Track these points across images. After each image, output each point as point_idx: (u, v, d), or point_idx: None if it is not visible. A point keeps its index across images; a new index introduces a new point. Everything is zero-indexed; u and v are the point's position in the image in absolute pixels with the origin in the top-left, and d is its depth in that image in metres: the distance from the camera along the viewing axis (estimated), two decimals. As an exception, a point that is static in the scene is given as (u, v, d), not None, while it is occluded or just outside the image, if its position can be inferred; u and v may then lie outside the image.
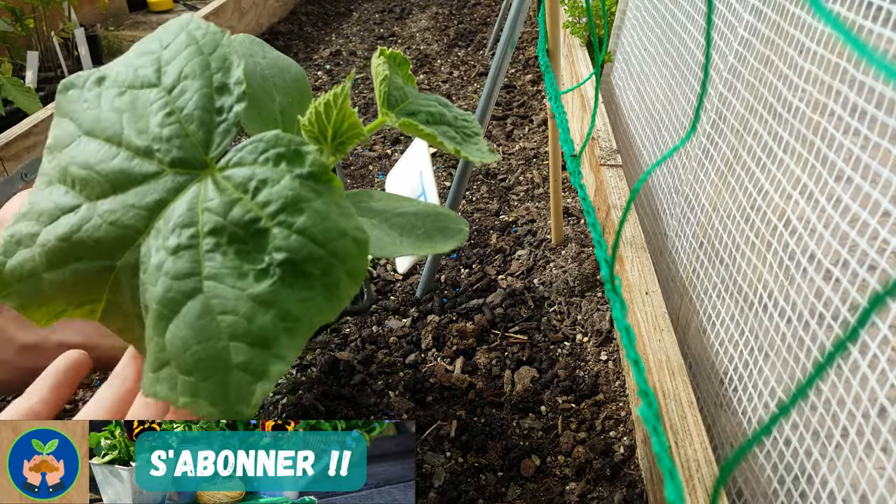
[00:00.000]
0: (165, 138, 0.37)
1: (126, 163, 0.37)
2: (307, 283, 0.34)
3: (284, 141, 0.37)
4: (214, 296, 0.33)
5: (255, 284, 0.33)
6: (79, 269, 0.36)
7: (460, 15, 2.20)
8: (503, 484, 0.63)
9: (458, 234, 0.47)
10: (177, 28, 0.41)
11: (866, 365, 0.43)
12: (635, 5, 1.25)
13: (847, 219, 0.47)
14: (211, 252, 0.34)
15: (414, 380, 0.74)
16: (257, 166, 0.36)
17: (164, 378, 0.33)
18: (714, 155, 0.74)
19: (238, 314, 0.33)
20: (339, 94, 0.44)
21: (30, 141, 1.10)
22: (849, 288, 0.47)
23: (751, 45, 0.66)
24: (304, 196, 0.35)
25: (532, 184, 1.20)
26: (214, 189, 0.36)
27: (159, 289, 0.34)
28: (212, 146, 0.37)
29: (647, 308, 0.71)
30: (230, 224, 0.34)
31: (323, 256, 0.34)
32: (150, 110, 0.38)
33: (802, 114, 0.55)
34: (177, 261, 0.34)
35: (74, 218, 0.36)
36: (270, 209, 0.34)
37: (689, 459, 0.54)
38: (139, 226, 0.36)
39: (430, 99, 0.54)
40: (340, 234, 0.35)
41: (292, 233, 0.34)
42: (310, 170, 0.36)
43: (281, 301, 0.33)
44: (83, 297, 0.37)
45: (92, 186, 0.36)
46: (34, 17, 1.60)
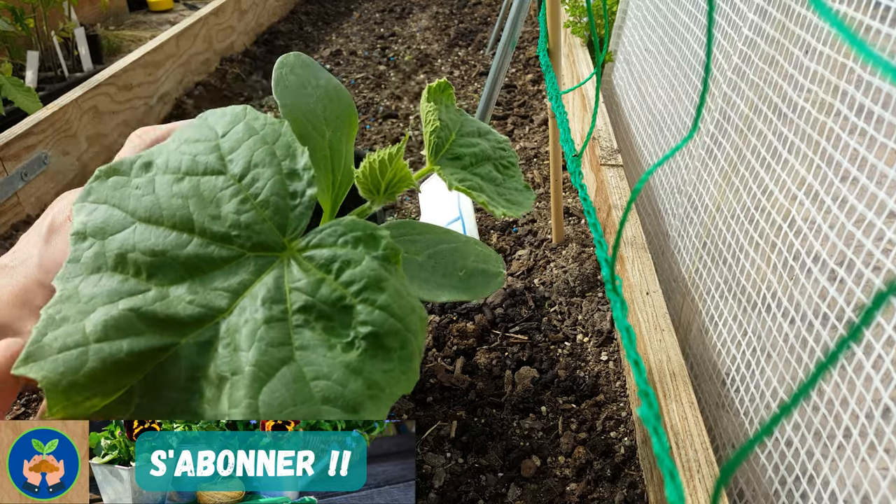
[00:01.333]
0: (244, 224, 0.39)
1: (202, 249, 0.38)
2: (387, 356, 0.37)
3: (361, 225, 0.40)
4: (307, 363, 0.36)
5: (344, 355, 0.36)
6: (138, 345, 0.35)
7: (461, 14, 2.20)
8: (503, 484, 0.63)
9: (496, 276, 0.51)
10: (231, 119, 0.43)
11: (870, 365, 0.43)
12: (636, 5, 1.25)
13: (853, 219, 0.47)
14: (300, 327, 0.37)
15: (414, 380, 0.74)
16: (338, 248, 0.39)
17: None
18: (718, 155, 0.74)
19: (330, 379, 0.36)
20: (393, 154, 0.47)
21: (30, 141, 1.10)
22: (853, 288, 0.46)
23: (755, 45, 0.66)
24: (383, 276, 0.38)
25: (533, 184, 1.19)
26: (299, 270, 0.39)
27: (253, 353, 0.36)
28: (288, 229, 0.40)
29: (648, 308, 0.70)
30: (318, 302, 0.38)
31: (401, 330, 0.37)
32: (220, 197, 0.40)
33: (807, 114, 0.55)
34: (269, 331, 0.36)
35: (143, 297, 0.36)
36: (354, 288, 0.38)
37: (689, 460, 0.53)
38: (222, 305, 0.37)
39: (470, 130, 0.57)
40: (412, 310, 0.39)
41: (375, 308, 0.37)
42: (383, 252, 0.39)
43: (367, 371, 0.36)
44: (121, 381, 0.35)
45: (164, 272, 0.37)
46: (34, 17, 1.60)
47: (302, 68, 0.52)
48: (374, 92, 1.61)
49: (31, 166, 1.11)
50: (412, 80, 1.67)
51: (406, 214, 1.20)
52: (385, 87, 1.63)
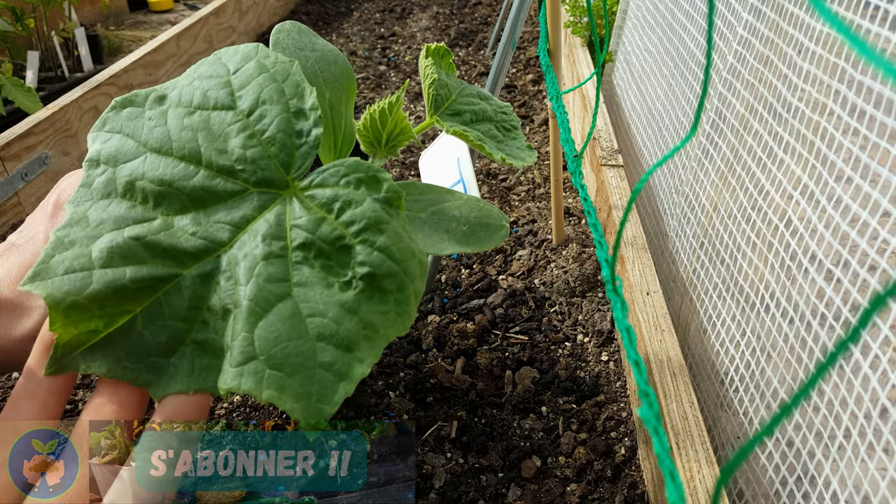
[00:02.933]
0: (250, 159, 0.40)
1: (207, 181, 0.39)
2: (383, 298, 0.37)
3: (364, 167, 0.40)
4: (303, 300, 0.36)
5: (341, 294, 0.36)
6: (140, 272, 0.36)
7: (461, 14, 2.20)
8: (504, 485, 0.63)
9: (500, 230, 0.51)
10: (242, 56, 0.44)
11: (868, 365, 0.43)
12: (636, 5, 1.25)
13: (847, 219, 0.47)
14: (299, 264, 0.37)
15: (414, 380, 0.74)
16: (340, 188, 0.39)
17: (250, 372, 0.34)
18: (714, 155, 0.74)
19: (326, 317, 0.36)
20: (393, 103, 0.47)
21: (30, 141, 1.10)
22: (850, 288, 0.46)
23: (750, 44, 0.66)
24: (384, 218, 0.39)
25: (533, 184, 1.20)
26: (301, 207, 0.39)
27: (251, 288, 0.36)
28: (292, 167, 0.40)
29: (649, 309, 0.70)
30: (318, 240, 0.38)
31: (398, 273, 0.38)
32: (229, 132, 0.40)
33: (802, 113, 0.55)
34: (268, 266, 0.37)
35: (149, 226, 0.37)
36: (354, 228, 0.38)
37: (690, 460, 0.53)
38: (223, 238, 0.38)
39: (471, 93, 0.57)
40: (411, 254, 0.39)
41: (374, 250, 0.37)
42: (385, 195, 0.39)
43: (363, 311, 0.36)
44: (121, 306, 0.36)
45: (169, 202, 0.38)
46: (34, 17, 1.60)
47: (299, 34, 0.52)
48: (374, 92, 1.61)
49: (32, 166, 1.11)
50: (412, 81, 1.67)
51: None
52: (385, 87, 1.63)
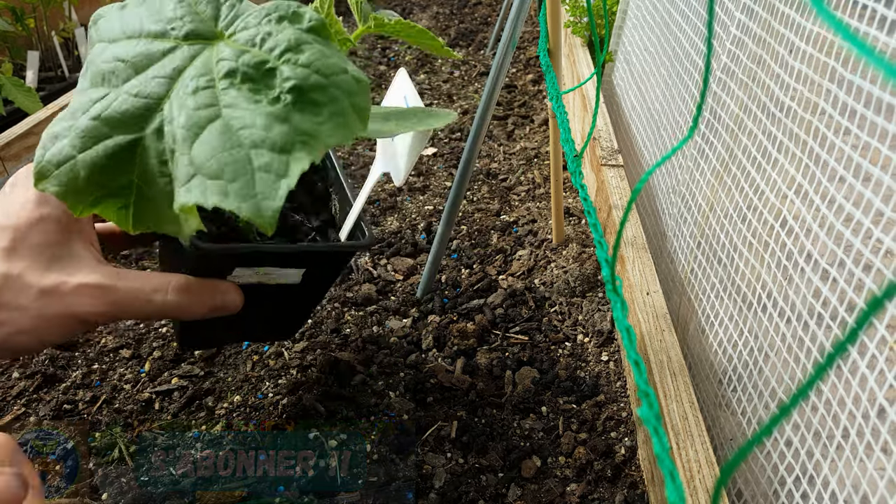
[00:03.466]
0: (178, 17, 0.43)
1: (145, 47, 0.43)
2: (316, 110, 0.40)
3: (284, 6, 0.43)
4: (233, 117, 0.39)
5: (270, 107, 0.39)
6: (109, 146, 0.40)
7: (461, 14, 2.20)
8: (504, 485, 0.63)
9: (447, 115, 0.54)
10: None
11: (865, 365, 0.43)
12: (636, 5, 1.25)
13: (841, 218, 0.48)
14: (226, 90, 0.40)
15: (414, 380, 0.74)
16: (262, 26, 0.42)
17: (195, 186, 0.37)
18: (709, 154, 0.74)
19: (256, 126, 0.38)
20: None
21: (30, 141, 1.10)
22: (846, 288, 0.47)
23: (743, 44, 0.66)
24: (305, 39, 0.41)
25: (533, 184, 1.20)
26: (227, 47, 0.42)
27: (182, 118, 0.39)
28: (220, 19, 0.43)
29: (649, 308, 0.71)
30: (241, 66, 0.40)
31: (327, 86, 0.40)
32: (165, 3, 0.44)
33: (795, 113, 0.55)
34: (197, 98, 0.39)
35: (103, 102, 0.41)
36: (276, 52, 0.40)
37: (689, 460, 0.54)
38: (161, 91, 0.41)
39: (385, 12, 0.62)
40: (341, 70, 0.41)
41: (298, 66, 0.40)
42: (309, 25, 0.43)
43: (295, 120, 0.39)
44: (115, 180, 0.40)
45: (117, 75, 0.42)
46: (35, 17, 1.60)
47: None
48: (374, 92, 1.61)
49: (32, 167, 1.11)
50: (413, 81, 1.67)
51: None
52: (385, 87, 1.63)
